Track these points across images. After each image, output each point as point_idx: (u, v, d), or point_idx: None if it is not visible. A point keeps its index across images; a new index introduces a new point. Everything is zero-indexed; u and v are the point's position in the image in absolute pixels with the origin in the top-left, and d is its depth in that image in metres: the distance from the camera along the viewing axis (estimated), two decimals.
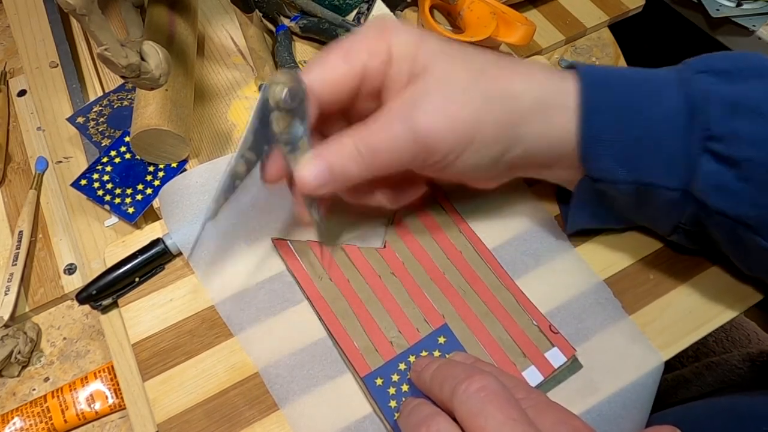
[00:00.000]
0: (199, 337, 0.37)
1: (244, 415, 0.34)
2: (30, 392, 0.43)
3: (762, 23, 0.63)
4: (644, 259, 0.38)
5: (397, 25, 0.33)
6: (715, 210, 0.31)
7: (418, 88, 0.32)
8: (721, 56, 0.32)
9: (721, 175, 0.30)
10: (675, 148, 0.31)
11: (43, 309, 0.46)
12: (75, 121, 0.49)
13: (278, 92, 0.31)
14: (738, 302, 0.37)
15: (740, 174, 0.29)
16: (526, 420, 0.25)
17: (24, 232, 0.47)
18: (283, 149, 0.33)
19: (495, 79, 0.32)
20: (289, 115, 0.32)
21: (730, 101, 0.30)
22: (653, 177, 0.31)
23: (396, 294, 0.37)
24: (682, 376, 0.51)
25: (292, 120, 0.32)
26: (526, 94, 0.32)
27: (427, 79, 0.32)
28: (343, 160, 0.32)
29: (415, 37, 0.33)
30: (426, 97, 0.31)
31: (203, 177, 0.41)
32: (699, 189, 0.31)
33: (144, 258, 0.39)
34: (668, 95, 0.31)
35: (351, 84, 0.32)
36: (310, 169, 0.32)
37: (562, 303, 0.37)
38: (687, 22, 0.68)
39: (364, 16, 0.53)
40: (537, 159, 0.34)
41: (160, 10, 0.48)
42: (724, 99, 0.30)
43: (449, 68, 0.32)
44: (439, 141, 0.31)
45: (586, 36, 0.57)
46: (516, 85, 0.32)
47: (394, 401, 0.33)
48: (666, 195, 0.32)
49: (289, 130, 0.32)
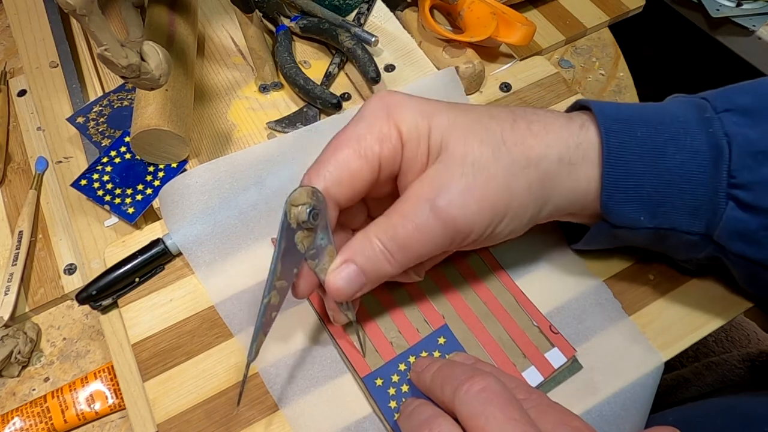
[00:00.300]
0: (199, 337, 0.37)
1: (244, 415, 0.34)
2: (30, 392, 0.43)
3: (762, 23, 0.63)
4: (644, 260, 0.38)
5: (401, 102, 0.32)
6: (737, 254, 0.30)
7: (438, 171, 0.30)
8: (744, 90, 0.31)
9: (745, 223, 0.29)
10: (698, 195, 0.30)
11: (43, 309, 0.46)
12: (75, 121, 0.48)
13: (299, 214, 0.29)
14: (738, 303, 0.37)
15: (765, 222, 0.29)
16: (527, 420, 0.25)
17: (24, 232, 0.47)
18: (311, 264, 0.31)
19: (516, 147, 0.31)
20: (312, 230, 0.30)
21: (754, 147, 0.29)
22: (675, 223, 0.31)
23: (396, 295, 0.37)
24: (681, 376, 0.51)
25: (315, 234, 0.31)
26: (549, 156, 0.31)
27: (447, 161, 0.30)
28: (374, 261, 0.30)
29: (422, 113, 0.31)
30: (448, 181, 0.30)
31: (203, 177, 0.41)
32: (721, 235, 0.30)
33: (144, 258, 0.39)
34: (690, 139, 0.30)
35: (368, 177, 0.31)
36: (342, 275, 0.30)
37: (562, 303, 0.37)
38: (687, 22, 0.68)
39: (364, 16, 0.53)
40: (566, 210, 0.33)
41: (160, 10, 0.48)
42: (748, 144, 0.29)
43: (466, 144, 0.30)
44: (470, 224, 0.30)
45: (586, 36, 0.57)
46: (537, 148, 0.31)
47: (394, 402, 0.33)
48: (685, 238, 0.31)
49: (314, 243, 0.31)
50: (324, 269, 0.31)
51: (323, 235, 0.31)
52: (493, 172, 0.30)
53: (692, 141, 0.30)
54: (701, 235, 0.31)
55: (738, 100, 0.30)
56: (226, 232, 0.40)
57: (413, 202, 0.30)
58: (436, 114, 0.31)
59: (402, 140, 0.31)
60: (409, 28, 0.53)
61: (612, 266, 0.38)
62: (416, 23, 0.54)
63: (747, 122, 0.30)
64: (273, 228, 0.40)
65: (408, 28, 0.53)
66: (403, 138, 0.31)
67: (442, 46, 0.50)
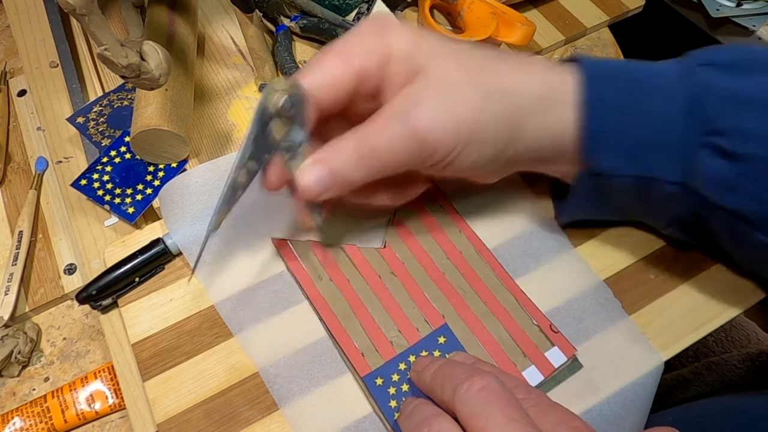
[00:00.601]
0: (199, 337, 0.37)
1: (244, 415, 0.34)
2: (30, 392, 0.43)
3: (762, 23, 0.63)
4: (644, 259, 0.38)
5: (395, 23, 0.33)
6: (715, 204, 0.30)
7: (415, 87, 0.31)
8: (726, 49, 0.32)
9: (722, 170, 0.30)
10: (675, 142, 0.31)
11: (43, 309, 0.46)
12: (75, 121, 0.48)
13: (277, 99, 0.30)
14: (738, 302, 0.37)
15: (742, 169, 0.29)
16: (527, 420, 0.25)
17: (24, 232, 0.47)
18: (284, 156, 0.32)
19: (494, 76, 0.32)
20: (289, 121, 0.32)
21: (732, 95, 0.30)
22: (654, 171, 0.31)
23: (396, 294, 0.37)
24: (681, 376, 0.51)
25: (291, 126, 0.32)
26: (525, 90, 0.32)
27: (425, 78, 0.31)
28: (344, 163, 0.32)
29: (412, 35, 0.32)
30: (424, 97, 0.31)
31: (203, 177, 0.41)
32: (699, 183, 0.30)
33: (144, 258, 0.39)
34: (670, 88, 0.31)
35: (350, 85, 0.32)
36: (311, 174, 0.32)
37: (562, 303, 0.37)
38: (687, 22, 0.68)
39: (364, 16, 0.53)
40: (537, 154, 0.34)
41: (160, 10, 0.48)
42: (726, 93, 0.30)
43: (447, 66, 0.32)
44: (439, 140, 0.31)
45: (586, 36, 0.57)
46: (515, 81, 0.32)
47: (394, 401, 0.33)
48: (666, 189, 0.32)
49: (289, 136, 0.32)
50: (297, 166, 0.32)
51: (299, 131, 0.32)
52: (467, 95, 0.31)
53: (672, 89, 0.31)
54: (680, 184, 0.31)
55: (718, 56, 0.32)
56: (226, 231, 0.40)
57: (388, 113, 0.32)
58: (425, 38, 0.33)
59: (388, 57, 0.32)
60: None
61: (612, 266, 0.38)
62: (416, 23, 0.54)
63: (726, 74, 0.30)
64: (274, 228, 0.40)
65: None
66: (390, 55, 0.32)
67: None
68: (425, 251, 0.38)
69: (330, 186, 0.32)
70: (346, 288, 0.37)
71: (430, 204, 0.40)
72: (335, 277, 0.38)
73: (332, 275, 0.38)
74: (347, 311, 0.36)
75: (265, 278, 0.39)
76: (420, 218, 0.40)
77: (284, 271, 0.39)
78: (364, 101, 0.34)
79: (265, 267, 0.39)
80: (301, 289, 0.38)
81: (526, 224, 0.40)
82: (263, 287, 0.38)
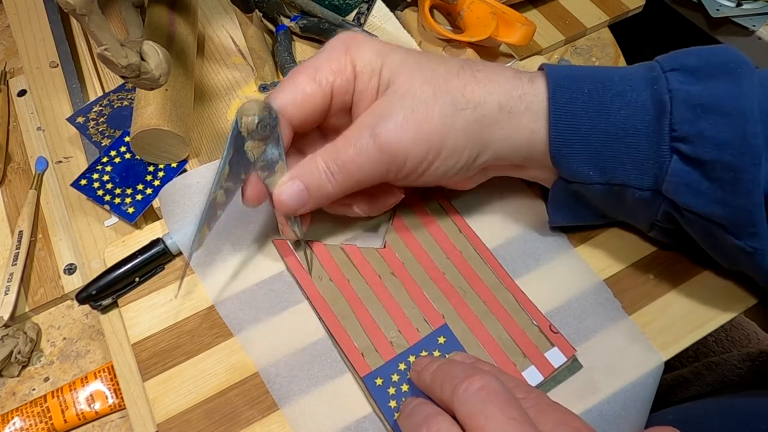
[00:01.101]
0: (199, 337, 0.37)
1: (244, 415, 0.34)
2: (30, 392, 0.43)
3: (762, 23, 0.63)
4: (644, 259, 0.38)
5: (361, 41, 0.34)
6: (686, 209, 0.31)
7: (383, 101, 0.33)
8: (693, 52, 0.32)
9: (689, 175, 0.30)
10: (643, 149, 0.31)
11: (43, 309, 0.46)
12: (75, 121, 0.49)
13: (250, 123, 0.32)
14: (738, 302, 0.37)
15: (707, 174, 0.30)
16: (526, 420, 0.25)
17: (24, 232, 0.47)
18: (261, 174, 0.34)
19: (457, 89, 0.33)
20: (263, 142, 0.33)
21: (695, 102, 0.30)
22: (624, 178, 0.32)
23: (396, 294, 0.37)
24: (681, 376, 0.51)
25: (266, 146, 0.33)
26: (489, 101, 0.33)
27: (391, 94, 0.33)
28: (318, 179, 0.33)
29: (377, 52, 0.33)
30: (389, 112, 0.32)
31: (203, 177, 0.41)
32: (669, 189, 0.31)
33: (144, 258, 0.39)
34: (636, 95, 0.31)
35: (321, 103, 0.33)
36: (286, 191, 0.33)
37: (562, 303, 0.37)
38: (687, 22, 0.68)
39: (364, 16, 0.53)
40: (508, 161, 0.35)
41: (160, 10, 0.48)
42: (687, 98, 0.30)
43: (411, 81, 0.33)
44: (405, 153, 0.32)
45: (586, 36, 0.57)
46: (478, 93, 0.33)
47: (394, 401, 0.33)
48: (638, 194, 0.32)
49: (265, 155, 0.33)
50: (274, 183, 0.34)
51: (274, 149, 0.33)
52: (432, 108, 0.32)
53: (637, 97, 0.31)
54: (651, 190, 0.32)
55: (685, 60, 0.32)
56: (225, 231, 0.40)
57: (356, 129, 0.33)
58: (390, 53, 0.33)
59: (355, 73, 0.33)
60: (409, 28, 0.53)
61: (612, 266, 0.38)
62: (416, 23, 0.54)
63: (690, 80, 0.31)
64: (273, 228, 0.40)
65: (408, 28, 0.53)
66: (357, 71, 0.33)
67: (442, 46, 0.50)
68: (425, 251, 0.38)
69: (305, 201, 0.34)
70: (346, 288, 0.37)
71: (430, 204, 0.40)
72: (335, 277, 0.38)
73: (332, 275, 0.38)
74: (347, 311, 0.36)
75: (265, 278, 0.39)
76: (420, 218, 0.40)
77: (284, 271, 0.39)
78: (338, 116, 0.35)
79: (265, 267, 0.39)
80: (301, 289, 0.38)
81: (526, 224, 0.40)
82: (263, 287, 0.38)
